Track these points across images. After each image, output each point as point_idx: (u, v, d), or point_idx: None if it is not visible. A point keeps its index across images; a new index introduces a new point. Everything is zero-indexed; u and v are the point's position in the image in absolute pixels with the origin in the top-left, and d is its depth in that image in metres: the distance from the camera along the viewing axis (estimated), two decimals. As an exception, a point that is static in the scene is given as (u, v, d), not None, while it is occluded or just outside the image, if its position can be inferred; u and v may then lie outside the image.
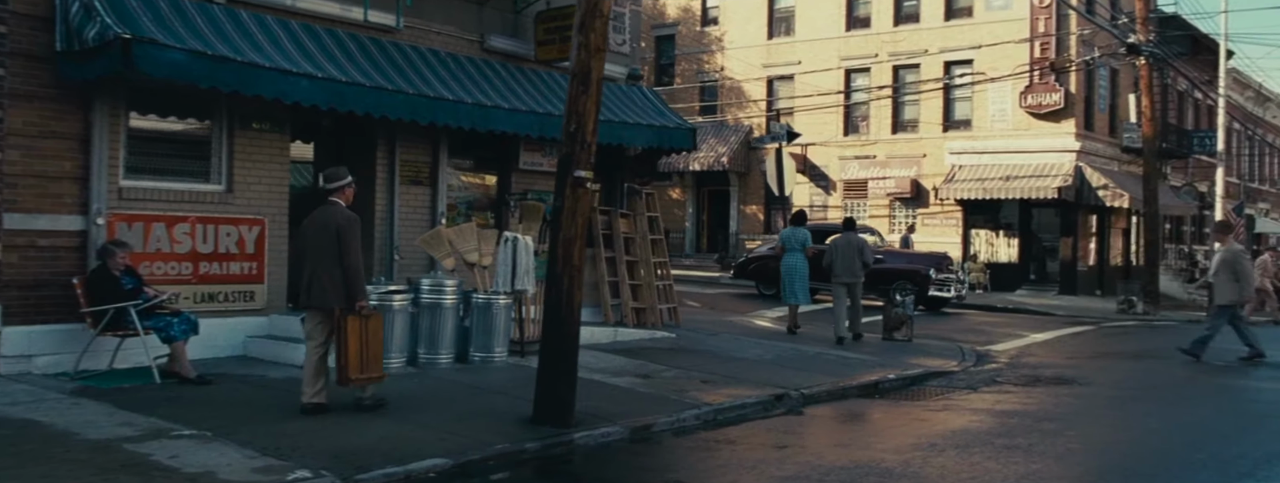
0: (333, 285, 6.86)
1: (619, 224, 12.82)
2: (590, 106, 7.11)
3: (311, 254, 6.97)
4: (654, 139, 12.34)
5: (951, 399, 9.80)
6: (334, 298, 6.86)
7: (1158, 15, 28.63)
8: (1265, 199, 38.73)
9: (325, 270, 6.87)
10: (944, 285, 19.19)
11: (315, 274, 6.91)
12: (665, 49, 34.35)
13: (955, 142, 28.19)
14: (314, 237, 6.98)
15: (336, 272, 6.86)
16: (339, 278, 6.86)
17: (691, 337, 12.73)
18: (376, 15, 9.35)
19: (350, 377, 6.94)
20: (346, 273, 6.88)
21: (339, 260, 6.86)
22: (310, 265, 6.96)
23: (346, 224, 6.95)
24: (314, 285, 6.92)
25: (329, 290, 6.86)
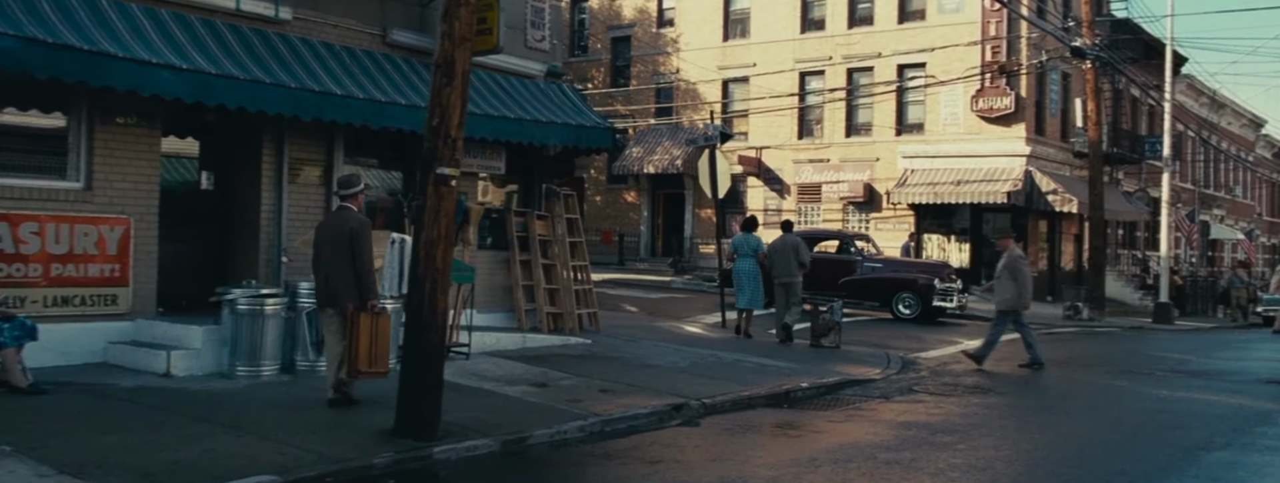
0: (345, 285, 7.38)
1: (535, 226, 12.45)
2: (455, 99, 6.73)
3: (326, 257, 7.50)
4: (570, 138, 11.98)
5: (858, 409, 9.50)
6: (347, 296, 7.37)
7: (1108, 20, 28.67)
8: (1220, 205, 38.93)
9: (339, 271, 7.39)
10: (946, 295, 19.02)
11: (330, 275, 7.45)
12: (621, 51, 34.02)
13: (908, 145, 28.06)
14: (329, 240, 7.50)
15: (349, 273, 7.38)
16: (351, 278, 7.38)
17: (609, 343, 12.37)
18: (254, 5, 8.92)
19: (359, 370, 7.37)
20: (359, 273, 7.39)
21: (352, 262, 7.38)
22: (325, 267, 7.50)
23: (359, 228, 7.47)
24: (329, 285, 7.47)
25: (342, 289, 7.38)
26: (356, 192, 7.62)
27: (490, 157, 11.82)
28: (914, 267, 20.30)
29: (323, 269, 7.52)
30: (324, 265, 7.49)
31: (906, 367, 12.76)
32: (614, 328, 14.05)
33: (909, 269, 19.78)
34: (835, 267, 19.37)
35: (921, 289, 18.70)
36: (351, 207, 7.60)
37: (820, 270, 18.69)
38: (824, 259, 19.32)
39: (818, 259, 18.91)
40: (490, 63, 11.82)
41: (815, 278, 18.40)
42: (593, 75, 34.53)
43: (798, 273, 13.78)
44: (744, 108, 31.17)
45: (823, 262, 19.14)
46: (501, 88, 11.67)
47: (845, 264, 19.53)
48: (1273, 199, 46.70)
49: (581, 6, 34.97)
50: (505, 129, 11.02)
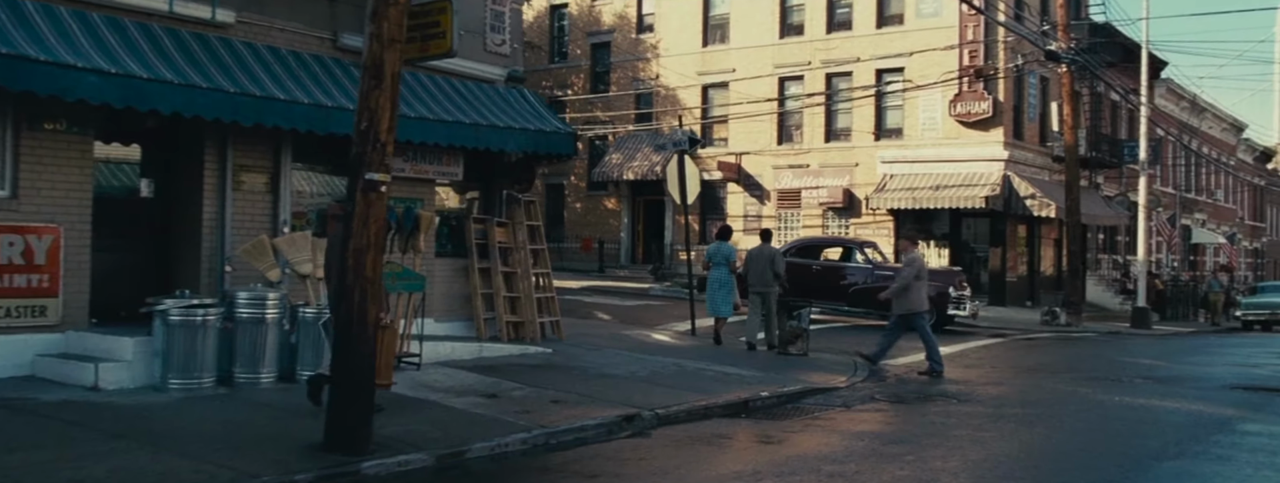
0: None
1: (495, 234, 12.23)
2: (384, 102, 6.52)
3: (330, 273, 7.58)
4: (530, 143, 11.78)
5: (816, 419, 9.31)
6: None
7: (1088, 24, 28.65)
8: (1202, 209, 38.92)
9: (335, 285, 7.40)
10: (960, 303, 18.89)
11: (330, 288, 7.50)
12: (601, 57, 33.87)
13: (887, 150, 27.95)
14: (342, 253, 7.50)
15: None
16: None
17: (569, 352, 12.15)
18: (190, 7, 8.71)
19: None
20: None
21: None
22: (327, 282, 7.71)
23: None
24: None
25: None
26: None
27: (447, 163, 11.62)
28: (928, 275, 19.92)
29: (332, 282, 7.51)
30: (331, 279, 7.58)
31: (873, 374, 12.59)
32: (579, 336, 13.83)
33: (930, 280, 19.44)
34: (846, 275, 19.02)
35: (936, 299, 18.09)
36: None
37: (830, 279, 18.60)
38: (834, 268, 19.07)
39: (828, 268, 18.86)
40: (447, 67, 11.62)
41: (826, 287, 18.47)
42: (572, 82, 34.37)
43: (773, 283, 13.74)
44: (723, 113, 31.04)
45: (832, 270, 18.94)
46: (458, 92, 11.47)
47: (856, 273, 19.13)
48: (1254, 203, 46.77)
49: (561, 13, 34.83)
50: (461, 135, 10.82)
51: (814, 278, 18.71)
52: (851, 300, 18.73)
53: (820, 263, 18.95)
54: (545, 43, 34.75)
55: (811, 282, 18.52)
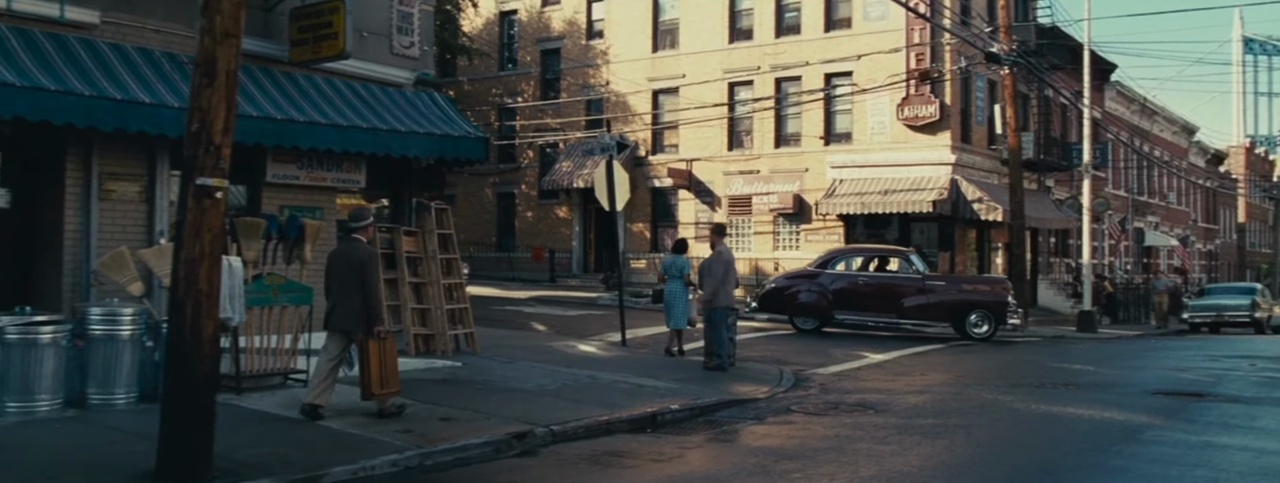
0: (354, 312, 7.99)
1: (402, 243, 11.76)
2: (217, 102, 6.07)
3: (336, 284, 8.11)
4: (435, 148, 11.36)
5: (721, 433, 8.93)
6: (355, 323, 8.01)
7: (1034, 26, 28.62)
8: (1154, 212, 39.05)
9: (348, 299, 7.99)
10: (1014, 311, 18.61)
11: (339, 302, 8.07)
12: (551, 63, 33.47)
13: (836, 155, 27.73)
14: (339, 269, 8.13)
15: (358, 300, 7.97)
16: (360, 306, 7.97)
17: (480, 365, 11.70)
18: (35, 5, 8.21)
19: (373, 392, 8.08)
20: (367, 301, 7.98)
21: (360, 290, 7.96)
22: (336, 295, 8.11)
23: (368, 259, 8.11)
24: (337, 311, 8.08)
25: (350, 316, 8.00)
26: (366, 224, 8.28)
27: (348, 169, 11.16)
28: (977, 282, 19.64)
29: (332, 297, 8.13)
30: (333, 294, 8.13)
31: (799, 384, 12.24)
32: (499, 348, 13.38)
33: (975, 286, 18.98)
34: (898, 286, 18.18)
35: (996, 307, 17.94)
36: (361, 238, 8.24)
37: (881, 291, 17.96)
38: (884, 279, 18.29)
39: (878, 279, 18.19)
40: (348, 70, 11.20)
41: (878, 299, 17.89)
42: (523, 89, 33.95)
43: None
44: (674, 119, 30.73)
45: (883, 282, 18.20)
46: (358, 96, 11.03)
47: (909, 284, 18.24)
48: (1207, 205, 47.09)
49: (510, 19, 34.42)
50: (357, 140, 10.38)
51: (863, 291, 18.01)
52: (907, 313, 18.07)
53: (868, 275, 18.24)
54: (495, 50, 34.31)
55: (860, 296, 17.93)
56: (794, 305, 18.38)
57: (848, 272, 18.43)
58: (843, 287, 18.11)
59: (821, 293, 17.94)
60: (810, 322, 18.36)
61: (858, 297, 18.03)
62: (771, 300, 18.64)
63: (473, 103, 34.59)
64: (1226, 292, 27.61)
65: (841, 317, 18.07)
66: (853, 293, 18.01)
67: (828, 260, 18.89)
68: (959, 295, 18.11)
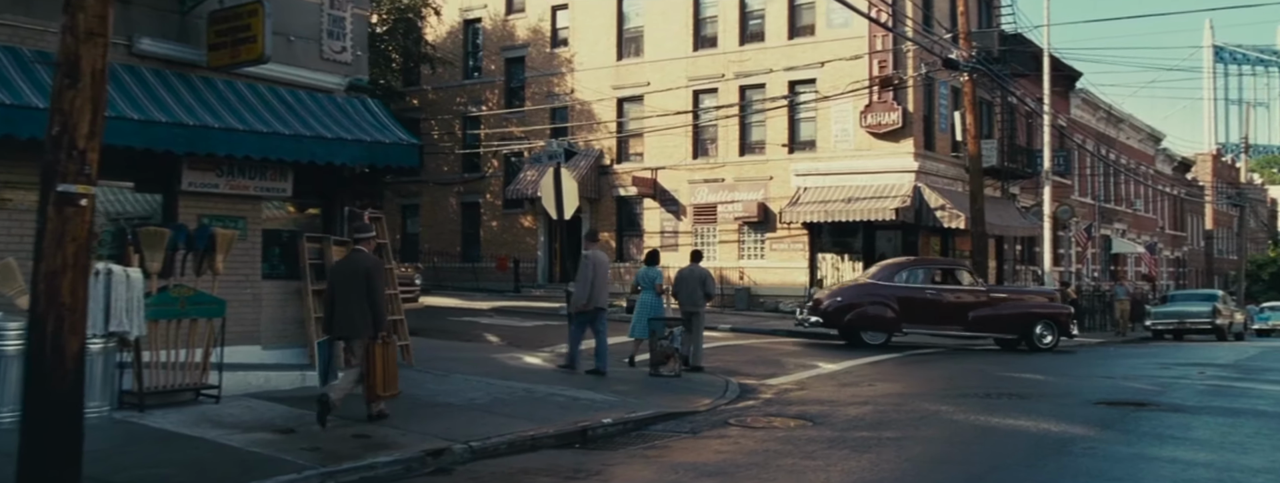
0: (359, 319, 8.47)
1: (332, 253, 11.42)
2: (82, 105, 5.73)
3: (341, 293, 8.53)
4: (365, 156, 11.00)
5: (649, 448, 8.64)
6: (360, 329, 8.48)
7: (997, 32, 28.61)
8: (1121, 219, 39.13)
9: (356, 306, 8.45)
10: (1074, 320, 18.87)
11: (348, 310, 8.50)
12: (515, 72, 33.20)
13: (801, 163, 27.59)
14: (345, 279, 8.57)
15: (365, 307, 8.45)
16: (367, 313, 8.45)
17: (413, 379, 11.36)
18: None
19: (377, 394, 8.57)
20: (374, 309, 8.46)
21: (366, 298, 8.44)
22: (342, 303, 8.52)
23: (374, 269, 8.62)
24: (347, 320, 8.55)
25: (355, 323, 8.49)
26: (369, 236, 8.90)
27: (273, 177, 10.81)
28: (1036, 294, 19.90)
29: (340, 306, 8.55)
30: (337, 302, 8.56)
31: (743, 395, 11.99)
32: (438, 361, 13.07)
33: (1035, 297, 19.28)
34: (964, 299, 18.20)
35: (1061, 319, 18.26)
36: (364, 249, 8.78)
37: (947, 304, 17.93)
38: (950, 292, 18.24)
39: (945, 292, 18.14)
40: (274, 75, 10.85)
41: (944, 313, 17.85)
42: (487, 98, 33.65)
43: (702, 302, 14.06)
44: (639, 128, 30.50)
45: (949, 295, 18.16)
46: (284, 102, 10.69)
47: (974, 296, 18.31)
48: (1175, 213, 47.29)
49: (474, 28, 34.14)
50: (279, 147, 10.03)
51: (930, 304, 17.91)
52: (972, 325, 18.02)
53: (935, 288, 18.12)
54: (459, 59, 34.00)
55: (927, 309, 17.84)
56: (864, 319, 17.88)
57: (913, 284, 18.10)
58: (910, 300, 17.79)
59: (889, 306, 17.64)
60: (878, 336, 18.01)
61: (925, 310, 17.79)
62: (838, 315, 18.01)
63: (437, 112, 34.27)
64: (1188, 299, 27.61)
65: (909, 330, 17.94)
66: (920, 306, 17.77)
67: (891, 273, 18.51)
68: (1024, 307, 18.39)
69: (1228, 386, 11.77)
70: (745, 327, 22.83)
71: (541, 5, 32.32)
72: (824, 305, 18.16)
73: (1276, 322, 34.25)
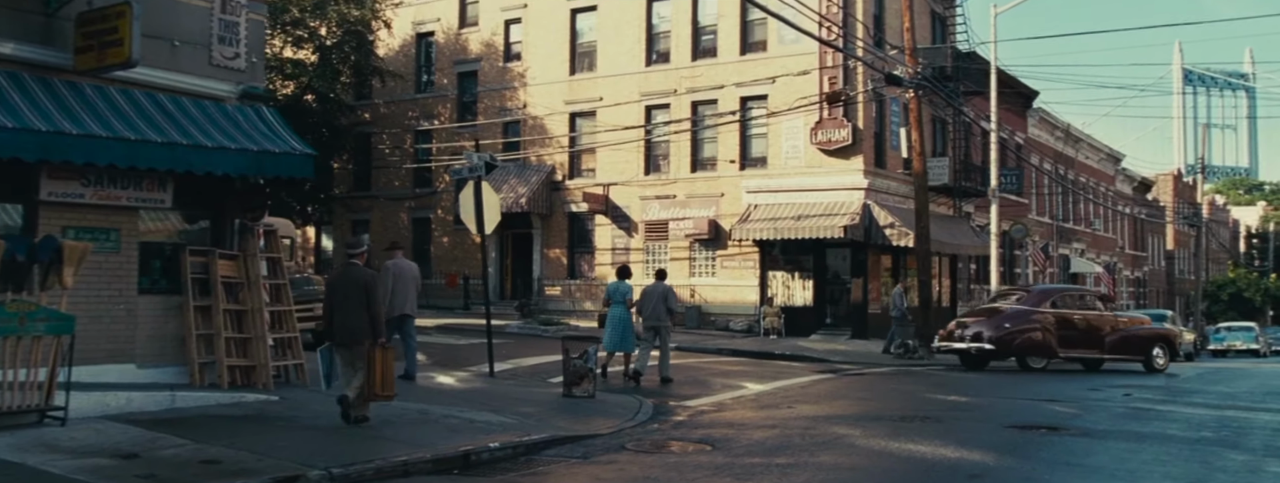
0: (360, 326, 9.14)
1: (218, 267, 10.90)
2: None
3: (340, 303, 9.22)
4: (251, 166, 10.51)
5: (529, 475, 8.18)
6: (361, 335, 9.15)
7: (950, 50, 28.49)
8: (1080, 239, 39.04)
9: (355, 315, 9.14)
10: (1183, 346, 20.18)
11: (346, 319, 9.18)
12: (468, 86, 32.78)
13: (752, 180, 27.26)
14: (343, 289, 9.28)
15: (364, 315, 9.14)
16: (366, 321, 9.14)
17: (301, 399, 10.81)
18: None
19: (377, 394, 9.17)
20: (373, 316, 9.16)
21: (365, 307, 9.14)
22: (341, 312, 9.20)
23: (371, 280, 9.33)
24: (348, 327, 9.20)
25: (356, 330, 9.15)
26: (362, 251, 9.69)
27: (149, 188, 10.30)
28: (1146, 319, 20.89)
29: (339, 315, 9.21)
30: (340, 312, 9.22)
31: (655, 417, 11.50)
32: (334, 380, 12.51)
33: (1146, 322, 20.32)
34: (1101, 324, 19.01)
35: (1172, 342, 19.71)
36: (357, 262, 9.50)
37: (1090, 329, 18.67)
38: (1093, 317, 19.03)
39: (1089, 317, 18.90)
40: (153, 80, 10.37)
41: (1087, 337, 18.59)
42: (439, 112, 33.19)
43: (666, 318, 14.66)
44: (591, 143, 30.12)
45: (1091, 320, 18.90)
46: (162, 109, 10.19)
47: (1108, 321, 19.20)
48: (1135, 232, 47.32)
49: (427, 41, 33.72)
50: (149, 156, 9.52)
51: (1078, 329, 18.66)
52: (1107, 349, 18.80)
53: (1082, 313, 18.86)
54: (411, 72, 33.55)
55: (1075, 334, 18.55)
56: (1030, 345, 18.29)
57: (1063, 310, 18.71)
58: (1062, 325, 18.48)
59: (1049, 332, 18.32)
60: (1039, 360, 18.47)
61: (1074, 335, 18.51)
62: (1008, 341, 18.26)
63: (388, 125, 33.76)
64: (1139, 318, 27.34)
65: (1064, 354, 18.65)
66: (1071, 331, 18.51)
67: (1041, 300, 19.03)
68: (1146, 331, 19.35)
69: (1147, 409, 11.40)
70: (690, 345, 22.37)
71: (495, 19, 31.97)
72: (988, 335, 18.31)
73: (1232, 342, 34.12)
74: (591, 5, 30.25)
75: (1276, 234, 65.38)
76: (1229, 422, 10.36)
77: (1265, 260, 57.09)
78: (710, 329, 26.88)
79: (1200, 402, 12.16)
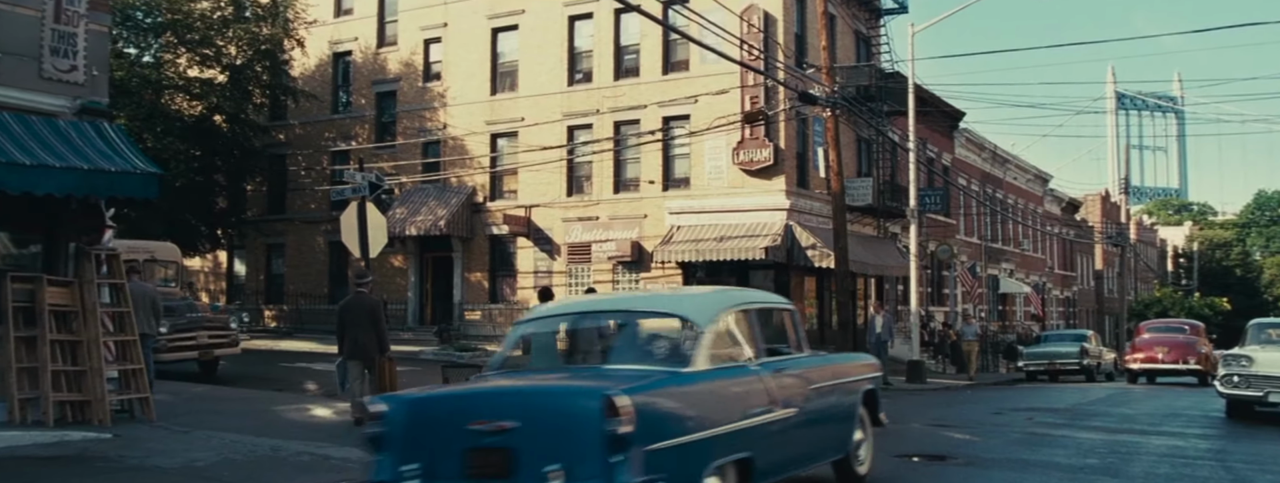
0: (371, 345, 11.21)
1: (44, 295, 9.99)
2: None
3: (352, 326, 11.25)
4: (82, 185, 9.66)
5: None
6: (374, 352, 11.22)
7: (874, 69, 28.40)
8: (1009, 259, 39.18)
9: (366, 336, 11.18)
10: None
11: (358, 338, 11.19)
12: (386, 106, 31.94)
13: (674, 201, 26.76)
14: (354, 314, 11.35)
15: (373, 336, 11.21)
16: (375, 341, 11.23)
17: (139, 437, 9.91)
18: None
19: None
20: (380, 337, 11.26)
21: (374, 329, 11.24)
22: (353, 332, 11.23)
23: (377, 306, 11.65)
24: (360, 345, 11.22)
25: (370, 348, 11.20)
26: (368, 282, 11.89)
27: (-36, 207, 9.39)
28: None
29: (351, 335, 11.23)
30: (351, 332, 11.24)
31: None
32: (196, 414, 11.63)
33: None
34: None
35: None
36: (364, 291, 11.66)
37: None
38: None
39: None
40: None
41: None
42: (357, 132, 32.28)
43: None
44: (513, 163, 29.42)
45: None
46: (-19, 122, 9.32)
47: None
48: (1064, 253, 47.76)
49: (344, 61, 32.85)
50: None
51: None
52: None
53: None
54: (328, 92, 32.63)
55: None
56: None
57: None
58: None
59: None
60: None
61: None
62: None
63: (303, 146, 32.76)
64: (1059, 339, 27.32)
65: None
66: None
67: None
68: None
69: (1044, 434, 10.97)
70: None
71: (414, 38, 31.24)
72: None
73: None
74: (513, 24, 29.68)
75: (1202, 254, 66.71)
76: (1119, 447, 9.94)
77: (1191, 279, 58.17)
78: (633, 354, 26.21)
79: (1098, 426, 11.78)
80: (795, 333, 7.43)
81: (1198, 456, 9.61)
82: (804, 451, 6.73)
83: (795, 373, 6.87)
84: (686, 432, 5.44)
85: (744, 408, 5.99)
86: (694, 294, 8.01)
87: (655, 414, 5.27)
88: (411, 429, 5.56)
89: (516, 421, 5.27)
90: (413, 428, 5.56)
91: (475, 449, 5.32)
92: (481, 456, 5.30)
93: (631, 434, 5.02)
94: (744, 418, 5.91)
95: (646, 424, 5.10)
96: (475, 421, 5.34)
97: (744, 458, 5.79)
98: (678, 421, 5.46)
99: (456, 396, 6.10)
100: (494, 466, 5.26)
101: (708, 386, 5.90)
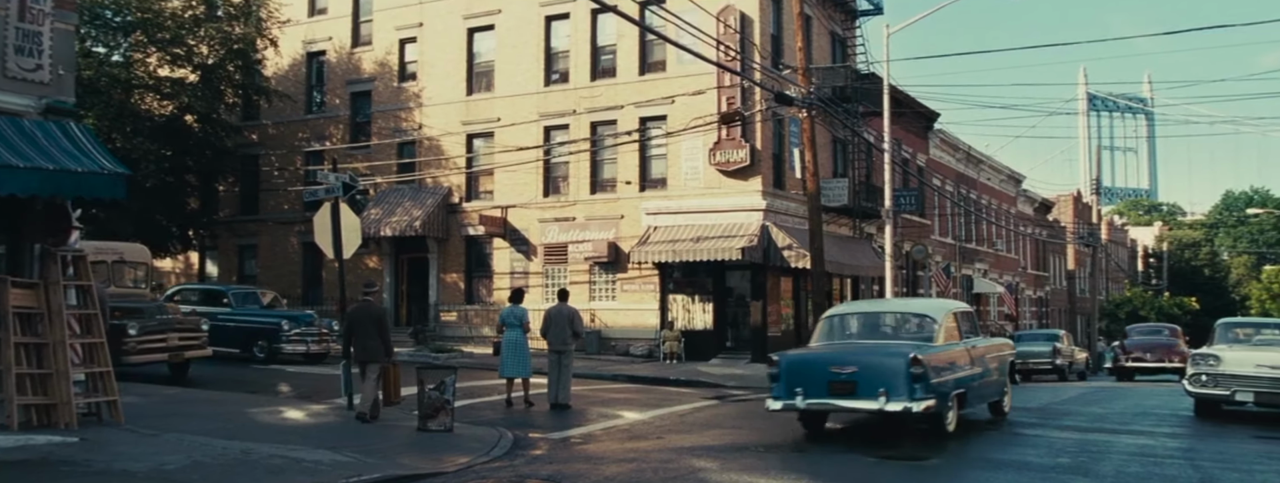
0: (378, 349, 11.87)
1: (9, 297, 9.81)
2: None
3: (360, 331, 11.90)
4: (47, 186, 9.49)
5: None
6: (379, 357, 11.89)
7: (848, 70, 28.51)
8: (983, 259, 39.47)
9: (372, 340, 11.85)
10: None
11: (365, 342, 11.87)
12: (361, 106, 31.69)
13: (651, 201, 26.72)
14: (361, 320, 11.99)
15: (379, 341, 11.85)
16: (381, 346, 11.87)
17: (107, 440, 9.76)
18: None
19: (392, 399, 12.19)
20: (385, 342, 11.89)
21: (379, 334, 11.85)
22: (361, 337, 11.89)
23: (383, 313, 12.38)
24: (367, 349, 11.90)
25: (377, 352, 11.86)
26: (376, 291, 12.82)
27: (-76, 207, 9.21)
28: None
29: (359, 340, 11.87)
30: (359, 337, 11.88)
31: (514, 450, 10.74)
32: (166, 417, 11.46)
33: None
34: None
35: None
36: (371, 299, 12.38)
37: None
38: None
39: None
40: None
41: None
42: (331, 133, 32.02)
43: (571, 342, 14.53)
44: (489, 164, 29.29)
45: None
46: (-58, 121, 9.15)
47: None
48: (1037, 253, 48.19)
49: (318, 61, 32.58)
50: None
51: None
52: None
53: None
54: (301, 92, 32.34)
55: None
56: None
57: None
58: None
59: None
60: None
61: None
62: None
63: (277, 147, 32.46)
64: (1032, 339, 27.53)
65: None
66: None
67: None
68: None
69: (1018, 434, 11.04)
70: (587, 372, 21.57)
71: (390, 38, 31.03)
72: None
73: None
74: (489, 25, 29.55)
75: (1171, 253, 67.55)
76: (1090, 446, 10.03)
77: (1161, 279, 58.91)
78: (610, 354, 26.15)
79: (1070, 424, 11.88)
80: (976, 324, 12.73)
81: (1167, 454, 9.72)
82: (985, 392, 12.01)
83: (981, 348, 12.05)
84: (940, 375, 10.33)
85: (961, 364, 11.08)
86: (932, 302, 13.72)
87: (928, 364, 10.07)
88: (793, 371, 10.73)
89: (857, 366, 10.30)
90: (794, 369, 10.74)
91: (834, 380, 10.29)
92: (838, 384, 10.28)
93: (923, 373, 9.92)
94: (961, 371, 10.98)
95: (925, 369, 9.97)
96: (834, 366, 10.44)
97: (961, 391, 10.90)
98: (936, 369, 10.29)
99: (819, 353, 11.21)
100: (846, 390, 10.23)
101: (946, 352, 10.86)
